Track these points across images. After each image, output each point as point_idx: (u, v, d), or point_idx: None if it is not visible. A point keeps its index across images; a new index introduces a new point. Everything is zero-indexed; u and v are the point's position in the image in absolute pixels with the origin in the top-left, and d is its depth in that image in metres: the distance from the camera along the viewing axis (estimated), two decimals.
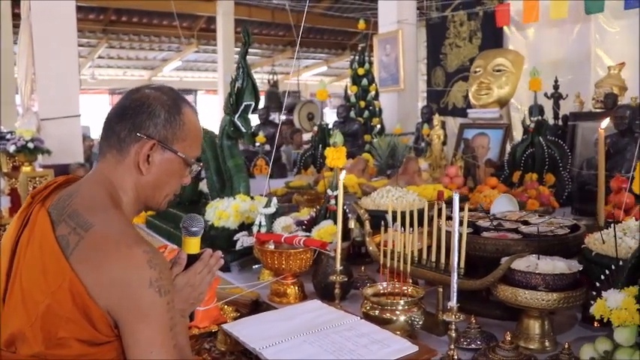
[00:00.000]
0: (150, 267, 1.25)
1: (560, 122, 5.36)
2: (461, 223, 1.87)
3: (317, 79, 21.99)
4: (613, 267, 1.65)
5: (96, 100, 18.39)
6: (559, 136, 4.97)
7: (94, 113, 11.96)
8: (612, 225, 1.82)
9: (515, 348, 1.72)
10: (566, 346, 1.72)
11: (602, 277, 1.68)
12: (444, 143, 6.11)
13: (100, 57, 16.75)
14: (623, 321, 1.48)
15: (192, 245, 1.50)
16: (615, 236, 1.74)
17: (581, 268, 1.80)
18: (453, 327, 1.68)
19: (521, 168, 4.00)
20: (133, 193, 1.42)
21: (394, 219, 2.05)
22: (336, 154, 2.62)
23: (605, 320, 1.53)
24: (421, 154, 5.73)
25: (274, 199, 2.71)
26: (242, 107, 2.96)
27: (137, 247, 1.26)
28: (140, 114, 1.40)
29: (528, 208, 3.31)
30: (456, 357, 1.68)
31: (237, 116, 2.99)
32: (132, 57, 17.66)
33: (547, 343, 1.85)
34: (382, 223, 2.04)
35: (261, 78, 16.21)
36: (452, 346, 1.71)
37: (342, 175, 2.19)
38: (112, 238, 1.26)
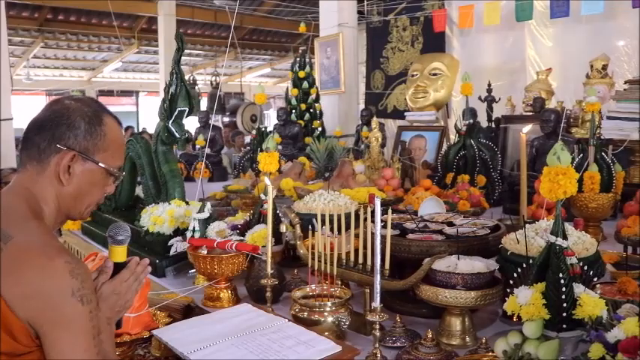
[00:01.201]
0: (72, 277, 1.26)
1: (493, 125, 5.54)
2: (386, 226, 1.94)
3: (261, 81, 21.97)
4: (524, 265, 1.75)
5: (32, 102, 17.81)
6: (492, 138, 5.15)
7: (29, 115, 11.59)
8: (524, 225, 1.92)
9: (436, 345, 1.81)
10: (484, 340, 1.82)
11: (515, 274, 1.77)
12: (383, 145, 6.23)
13: (35, 57, 16.24)
14: (531, 315, 1.57)
15: (119, 253, 1.51)
16: (526, 236, 1.84)
17: (497, 267, 1.90)
18: (377, 327, 1.75)
19: (453, 170, 4.13)
20: (55, 203, 1.43)
21: (323, 222, 2.11)
22: (268, 159, 2.66)
23: (515, 316, 1.62)
24: (361, 157, 5.82)
25: (208, 205, 2.73)
26: (176, 113, 2.97)
27: (59, 257, 1.27)
28: (60, 125, 1.40)
29: (460, 209, 3.43)
30: (379, 356, 1.74)
31: (171, 122, 2.99)
32: (70, 57, 17.19)
33: (468, 339, 1.94)
34: (309, 227, 2.10)
35: (204, 80, 16.07)
36: (376, 345, 1.77)
37: (268, 180, 2.23)
38: (32, 249, 1.27)
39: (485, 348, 1.80)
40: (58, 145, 1.40)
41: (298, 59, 7.65)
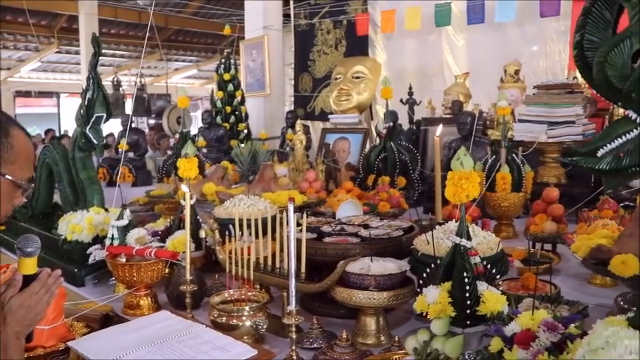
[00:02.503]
0: None
1: (414, 127, 5.70)
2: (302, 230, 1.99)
3: (188, 82, 21.68)
4: (433, 265, 1.83)
5: None
6: (413, 140, 5.29)
7: None
8: (432, 227, 2.00)
9: (351, 345, 1.87)
10: (397, 339, 1.89)
11: (425, 275, 1.86)
12: (308, 148, 6.29)
13: None
14: (438, 313, 1.65)
15: (28, 266, 1.49)
16: (433, 237, 1.93)
17: (409, 268, 1.98)
18: (293, 329, 1.79)
19: (374, 172, 4.22)
20: None
21: (241, 227, 2.14)
22: (188, 165, 2.66)
23: (424, 314, 1.70)
24: (285, 159, 5.85)
25: (127, 211, 2.71)
26: (93, 119, 2.93)
27: None
28: None
29: (380, 210, 3.53)
30: (295, 357, 1.79)
31: (88, 128, 2.95)
32: None
33: (382, 338, 2.01)
34: (227, 232, 2.12)
35: (128, 81, 15.70)
36: (293, 347, 1.82)
37: (185, 186, 2.24)
38: None
39: (399, 346, 1.87)
40: None
41: (223, 61, 7.62)
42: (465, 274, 1.66)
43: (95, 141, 2.97)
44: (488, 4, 6.09)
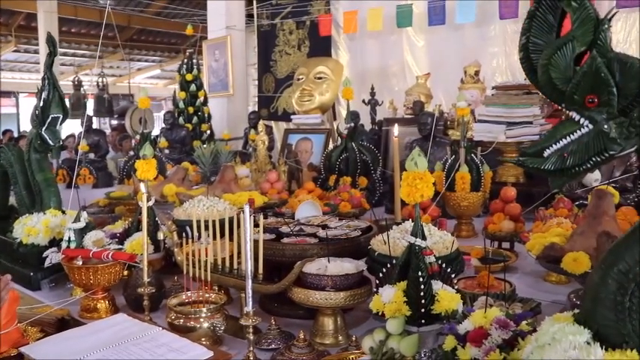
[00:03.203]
0: None
1: (376, 127, 5.74)
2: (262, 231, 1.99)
3: (152, 83, 21.43)
4: (389, 265, 1.84)
5: None
6: (375, 140, 5.33)
7: None
8: (387, 227, 2.02)
9: (308, 345, 1.87)
10: (354, 339, 1.91)
11: (381, 274, 1.87)
12: (271, 148, 6.28)
13: None
14: (394, 313, 1.66)
15: None
16: (388, 237, 1.95)
17: (365, 268, 1.99)
18: (250, 330, 1.79)
19: (336, 172, 4.24)
20: None
21: (199, 229, 2.13)
22: (145, 167, 2.63)
23: (379, 313, 1.71)
24: (248, 160, 5.84)
25: (84, 214, 2.67)
26: (49, 120, 2.87)
27: None
28: None
29: (341, 211, 3.54)
30: (252, 358, 1.79)
31: (44, 129, 2.89)
32: None
33: (340, 338, 2.03)
34: (183, 234, 2.11)
35: (90, 81, 15.44)
36: (250, 348, 1.81)
37: (143, 187, 2.22)
38: None
39: (356, 346, 1.88)
40: None
41: (185, 62, 7.57)
42: (419, 274, 1.68)
43: (51, 142, 2.92)
44: (449, 5, 6.18)
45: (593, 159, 1.15)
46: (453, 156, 3.67)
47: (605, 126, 1.14)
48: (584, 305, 1.28)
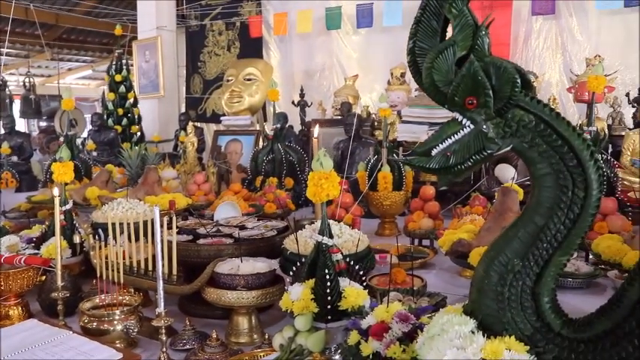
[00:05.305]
0: None
1: (305, 128, 5.79)
2: (179, 232, 1.99)
3: (83, 83, 20.86)
4: (298, 263, 1.88)
5: None
6: (304, 141, 5.38)
7: None
8: (297, 226, 2.06)
9: (221, 344, 1.89)
10: (267, 337, 1.93)
11: (291, 273, 1.91)
12: (202, 150, 6.25)
13: None
14: (302, 310, 1.70)
15: None
16: (297, 235, 1.98)
17: (277, 267, 2.02)
18: (163, 331, 1.79)
19: (262, 173, 4.26)
20: None
21: (114, 231, 2.12)
22: (62, 170, 2.58)
23: (288, 311, 1.74)
24: (178, 162, 5.79)
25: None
26: None
27: None
28: None
29: (266, 211, 3.57)
30: (164, 359, 1.79)
31: None
32: None
33: (255, 336, 2.05)
34: (101, 236, 2.09)
35: (16, 81, 14.91)
36: (163, 349, 1.81)
37: (56, 190, 2.18)
38: None
39: (269, 344, 1.91)
40: None
41: (115, 62, 7.43)
42: (326, 271, 1.72)
43: None
44: (377, 8, 6.28)
45: (474, 157, 1.22)
46: (376, 156, 3.74)
47: (484, 126, 1.20)
48: (470, 296, 1.35)
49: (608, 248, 2.32)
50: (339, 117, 5.48)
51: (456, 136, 1.24)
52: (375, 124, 5.25)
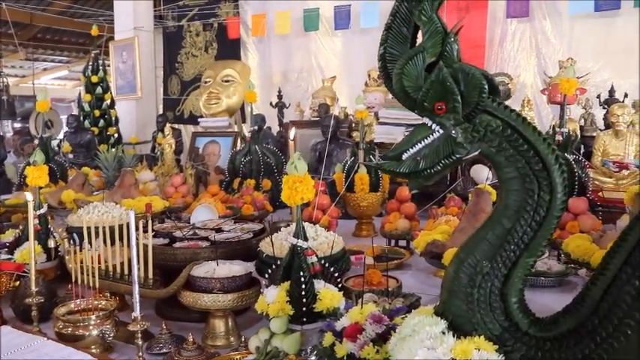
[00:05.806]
0: None
1: (283, 130, 5.80)
2: (156, 236, 1.99)
3: (60, 84, 20.64)
4: (274, 266, 1.90)
5: None
6: (282, 143, 5.39)
7: None
8: (272, 229, 2.08)
9: (197, 347, 1.89)
10: (243, 339, 1.94)
11: (267, 275, 1.92)
12: (180, 152, 6.23)
13: None
14: (277, 312, 1.72)
15: None
16: (272, 238, 2.00)
17: (253, 270, 2.04)
18: (139, 335, 1.79)
19: (240, 175, 4.26)
20: None
21: (89, 235, 2.11)
22: (36, 173, 2.57)
23: (264, 314, 1.76)
24: (155, 164, 5.76)
25: None
26: None
27: None
28: None
29: (244, 213, 3.57)
30: None
31: None
32: None
33: (232, 339, 2.05)
34: (76, 240, 2.09)
35: None
36: (139, 354, 1.81)
37: (29, 195, 2.17)
38: None
39: (246, 346, 1.92)
40: None
41: (91, 63, 7.37)
42: (301, 274, 1.74)
43: None
44: (355, 10, 6.32)
45: (443, 162, 1.25)
46: (353, 157, 3.77)
47: (453, 131, 1.23)
48: (441, 298, 1.37)
49: (577, 248, 2.36)
50: (317, 118, 5.50)
51: (425, 140, 1.27)
52: (353, 125, 5.28)
